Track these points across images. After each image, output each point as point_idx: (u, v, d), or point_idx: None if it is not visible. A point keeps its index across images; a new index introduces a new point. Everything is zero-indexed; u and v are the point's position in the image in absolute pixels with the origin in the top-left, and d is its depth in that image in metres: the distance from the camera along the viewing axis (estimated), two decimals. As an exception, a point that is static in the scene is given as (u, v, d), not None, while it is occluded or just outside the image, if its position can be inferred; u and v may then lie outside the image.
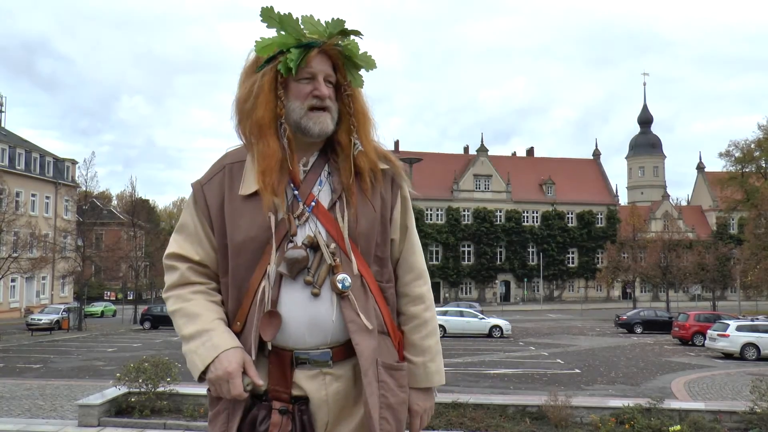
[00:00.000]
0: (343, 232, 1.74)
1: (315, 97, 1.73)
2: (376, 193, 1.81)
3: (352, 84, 1.79)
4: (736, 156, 53.42)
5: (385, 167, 1.84)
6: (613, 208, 73.13)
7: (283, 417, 1.68)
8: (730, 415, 8.89)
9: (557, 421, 8.62)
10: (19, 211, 40.08)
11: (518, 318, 45.73)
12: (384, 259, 1.84)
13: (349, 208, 1.75)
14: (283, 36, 1.72)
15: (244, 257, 1.73)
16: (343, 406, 1.74)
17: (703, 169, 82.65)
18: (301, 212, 1.74)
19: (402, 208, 1.89)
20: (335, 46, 1.75)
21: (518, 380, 16.31)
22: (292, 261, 1.68)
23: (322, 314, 1.70)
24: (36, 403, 11.38)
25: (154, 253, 50.99)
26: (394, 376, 1.78)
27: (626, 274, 53.49)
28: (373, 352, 1.73)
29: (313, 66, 1.74)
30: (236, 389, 1.65)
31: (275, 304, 1.70)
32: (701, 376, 18.07)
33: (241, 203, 1.75)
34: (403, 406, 1.80)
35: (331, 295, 1.71)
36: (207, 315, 1.74)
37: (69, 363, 19.90)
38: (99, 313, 51.16)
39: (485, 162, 71.73)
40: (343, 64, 1.77)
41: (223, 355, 1.66)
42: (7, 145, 47.47)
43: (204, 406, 9.30)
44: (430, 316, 1.90)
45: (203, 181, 1.84)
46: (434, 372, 1.88)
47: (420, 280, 1.90)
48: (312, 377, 1.71)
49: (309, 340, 1.70)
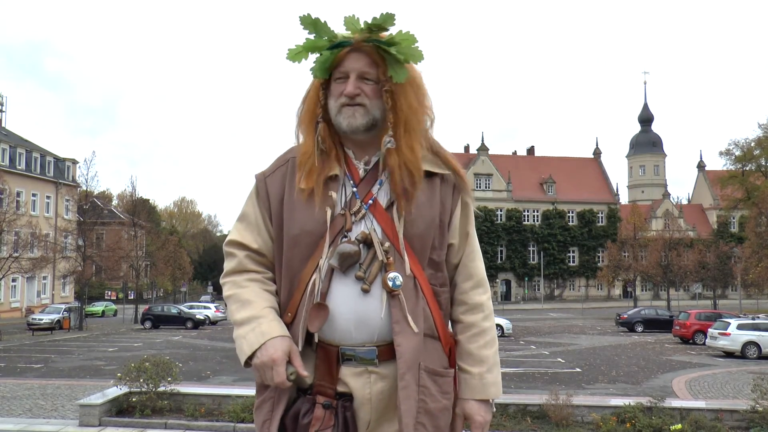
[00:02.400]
0: (398, 231, 1.74)
1: (345, 96, 1.75)
2: (436, 196, 1.80)
3: (393, 79, 1.75)
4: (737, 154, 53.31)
5: (445, 172, 1.83)
6: (613, 207, 73.11)
7: (326, 412, 1.69)
8: (731, 413, 8.89)
9: (558, 420, 8.62)
10: (20, 211, 40.11)
11: (519, 317, 45.73)
12: (439, 263, 1.83)
13: (407, 208, 1.75)
14: (313, 40, 1.75)
15: (298, 249, 1.76)
16: (386, 406, 1.73)
17: (703, 168, 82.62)
18: (358, 209, 1.75)
19: (463, 214, 1.87)
20: (366, 42, 1.74)
21: (519, 379, 16.31)
22: (344, 255, 1.69)
23: (370, 311, 1.70)
24: (37, 403, 11.39)
25: (154, 252, 51.06)
26: (437, 381, 1.75)
27: (627, 272, 53.50)
28: (415, 355, 1.70)
29: (346, 65, 1.75)
30: (279, 376, 1.66)
31: (324, 297, 1.71)
32: (702, 374, 18.08)
33: (299, 197, 1.78)
34: (444, 413, 1.76)
35: (382, 293, 1.70)
36: (259, 302, 1.76)
37: (70, 363, 19.91)
38: (100, 313, 51.20)
39: (486, 161, 71.73)
40: (382, 59, 1.75)
41: (270, 343, 1.68)
42: (8, 145, 47.49)
43: (204, 406, 9.31)
44: (489, 326, 1.86)
45: (267, 173, 1.88)
46: (491, 383, 1.82)
47: (480, 288, 1.88)
48: (357, 374, 1.72)
49: (356, 337, 1.71)
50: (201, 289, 77.48)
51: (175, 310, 39.28)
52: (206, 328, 37.23)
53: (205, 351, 23.47)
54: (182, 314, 38.11)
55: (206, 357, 21.27)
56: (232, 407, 9.03)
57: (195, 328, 36.66)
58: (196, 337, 31.04)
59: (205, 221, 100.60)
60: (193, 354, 22.37)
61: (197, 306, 43.54)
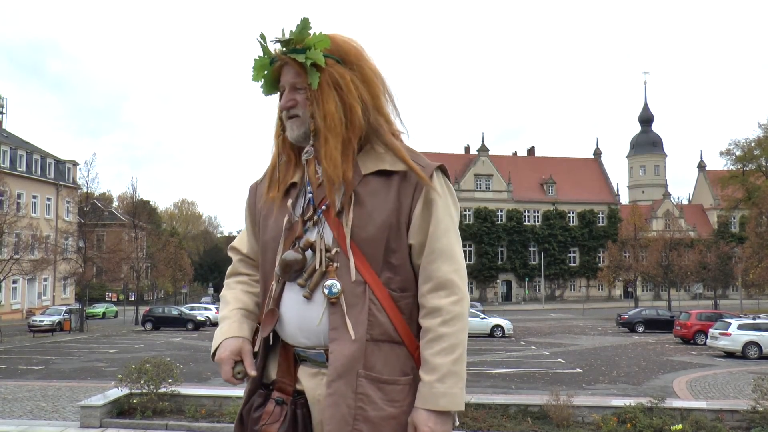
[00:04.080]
0: (345, 236, 1.73)
1: (281, 110, 1.82)
2: (390, 196, 1.74)
3: (311, 86, 1.74)
4: (737, 154, 53.34)
5: (404, 170, 1.76)
6: (614, 207, 73.08)
7: (277, 407, 1.76)
8: (732, 414, 8.90)
9: (559, 420, 8.62)
10: (21, 213, 40.10)
11: (520, 317, 45.73)
12: (398, 267, 1.75)
13: (356, 212, 1.73)
14: (260, 59, 1.81)
15: (267, 255, 1.86)
16: None
17: (704, 168, 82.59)
18: (311, 215, 1.80)
19: (424, 212, 1.75)
20: (284, 54, 1.76)
21: (520, 380, 16.32)
22: (285, 263, 1.75)
23: (311, 317, 1.74)
24: (38, 405, 11.39)
25: (155, 254, 51.03)
26: (382, 389, 1.69)
27: (627, 273, 53.46)
28: (350, 362, 1.67)
29: (282, 79, 1.82)
30: (225, 374, 1.81)
31: (277, 303, 1.79)
32: (703, 375, 18.08)
33: (270, 204, 1.88)
34: (390, 421, 1.68)
35: (323, 300, 1.72)
36: (233, 304, 1.91)
37: (71, 364, 19.92)
38: (100, 315, 51.22)
39: (486, 161, 71.73)
40: (301, 67, 1.75)
41: (224, 343, 1.82)
42: (9, 147, 47.53)
43: (205, 407, 9.33)
44: (448, 332, 1.68)
45: (257, 182, 2.00)
46: (441, 394, 1.65)
47: (441, 291, 1.72)
48: (312, 375, 1.77)
49: (303, 341, 1.77)
50: (202, 290, 77.46)
51: (176, 311, 39.32)
52: (207, 329, 37.19)
53: (206, 352, 23.44)
54: (183, 316, 38.14)
55: (207, 358, 21.23)
56: (233, 408, 9.03)
57: (196, 330, 36.68)
58: (196, 338, 31.06)
59: (206, 223, 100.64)
60: (193, 355, 22.40)
61: (198, 307, 43.56)
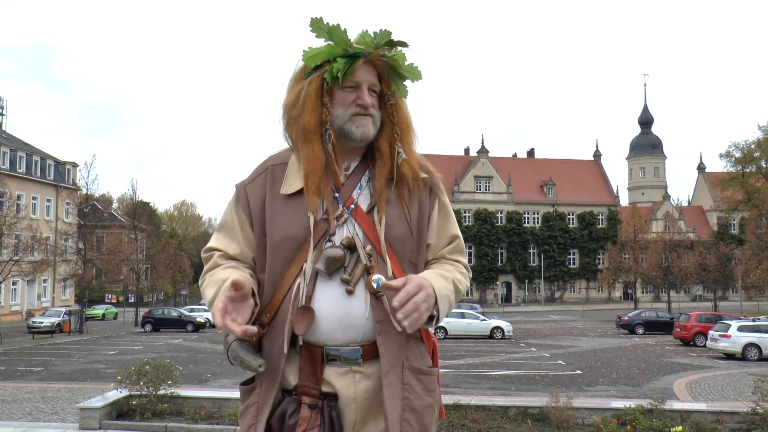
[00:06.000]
0: (379, 235, 1.78)
1: (358, 106, 1.79)
2: (414, 199, 1.86)
3: (396, 94, 1.84)
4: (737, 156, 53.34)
5: (425, 176, 1.90)
6: (613, 209, 73.12)
7: (312, 412, 1.71)
8: (732, 415, 8.89)
9: (559, 422, 8.62)
10: (21, 214, 40.10)
11: (519, 319, 45.74)
12: (417, 265, 1.86)
13: (387, 212, 1.80)
14: (331, 46, 1.79)
15: (281, 254, 1.79)
16: (371, 405, 1.76)
17: (703, 170, 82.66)
18: (340, 214, 1.79)
19: (441, 215, 1.93)
20: (381, 57, 1.80)
21: (520, 381, 16.30)
22: (330, 259, 1.73)
23: (354, 311, 1.74)
24: (37, 407, 11.38)
25: (155, 255, 51.02)
26: (422, 380, 1.79)
27: (627, 274, 53.49)
28: (398, 354, 1.75)
29: (358, 75, 1.80)
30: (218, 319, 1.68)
31: (309, 300, 1.75)
32: (703, 376, 18.07)
33: (282, 203, 1.82)
34: (429, 410, 1.80)
35: (365, 294, 1.75)
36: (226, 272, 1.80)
37: (70, 366, 19.90)
38: (100, 316, 51.22)
39: (486, 163, 71.76)
40: (388, 74, 1.83)
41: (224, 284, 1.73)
42: (9, 148, 47.53)
43: (205, 409, 9.31)
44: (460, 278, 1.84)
45: (246, 181, 1.91)
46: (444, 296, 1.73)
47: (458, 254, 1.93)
48: (342, 374, 1.74)
49: (340, 337, 1.74)
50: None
51: (176, 313, 39.28)
52: (207, 331, 37.19)
53: (206, 354, 23.44)
54: (183, 317, 38.10)
55: (207, 360, 21.25)
56: (232, 410, 9.03)
57: (195, 331, 36.65)
58: (196, 340, 31.03)
59: (206, 224, 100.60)
60: (193, 357, 22.36)
61: (198, 309, 43.43)
